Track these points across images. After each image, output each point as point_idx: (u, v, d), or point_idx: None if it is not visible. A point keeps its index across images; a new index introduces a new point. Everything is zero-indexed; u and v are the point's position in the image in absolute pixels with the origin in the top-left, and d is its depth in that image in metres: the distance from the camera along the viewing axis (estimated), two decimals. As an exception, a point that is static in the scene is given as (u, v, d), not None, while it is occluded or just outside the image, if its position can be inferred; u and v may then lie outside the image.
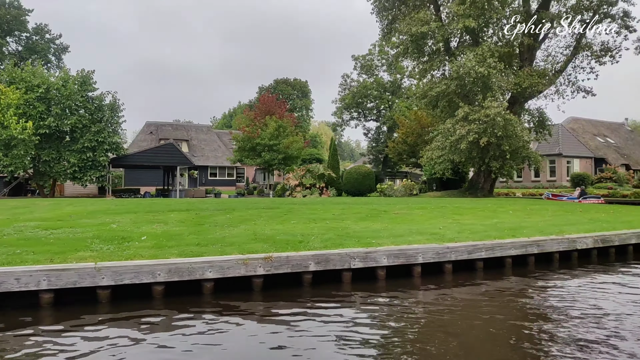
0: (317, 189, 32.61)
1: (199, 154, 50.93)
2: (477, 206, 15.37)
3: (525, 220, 11.62)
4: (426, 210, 13.45)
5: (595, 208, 16.68)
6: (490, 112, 26.81)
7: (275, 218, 11.01)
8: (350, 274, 7.16)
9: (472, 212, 13.44)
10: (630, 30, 29.42)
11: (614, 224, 11.30)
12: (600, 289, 7.23)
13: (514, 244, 8.42)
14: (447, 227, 9.93)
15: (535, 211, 14.50)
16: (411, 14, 30.22)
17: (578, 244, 9.20)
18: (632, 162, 50.69)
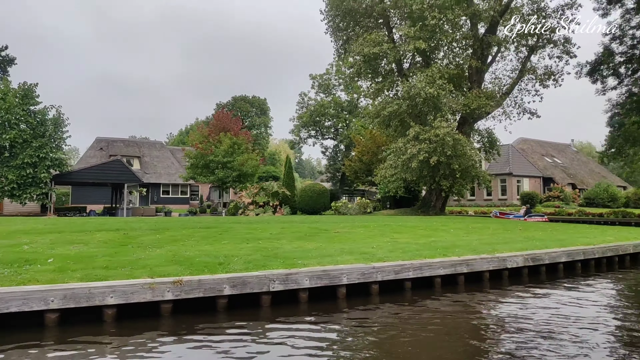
0: (270, 207, 32.14)
1: (152, 171, 49.54)
2: (420, 225, 15.36)
3: (461, 239, 11.62)
4: (367, 229, 13.30)
5: (535, 226, 17.02)
6: (440, 132, 27.33)
7: (207, 238, 10.56)
8: (269, 297, 6.80)
9: (412, 230, 13.39)
10: (570, 56, 30.80)
11: (548, 243, 11.45)
12: (528, 306, 7.17)
13: (443, 263, 8.30)
14: (381, 246, 9.76)
15: (476, 229, 14.62)
16: (364, 35, 30.66)
17: (508, 263, 9.20)
18: (578, 182, 52.82)
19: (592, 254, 10.83)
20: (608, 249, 11.27)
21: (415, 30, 28.31)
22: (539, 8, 30.86)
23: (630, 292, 8.65)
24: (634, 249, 12.02)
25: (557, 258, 10.06)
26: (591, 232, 14.66)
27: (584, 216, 35.28)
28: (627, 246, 11.83)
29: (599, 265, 11.17)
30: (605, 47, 29.23)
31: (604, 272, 10.81)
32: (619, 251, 11.56)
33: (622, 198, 45.81)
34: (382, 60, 30.90)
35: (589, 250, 10.78)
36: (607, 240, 12.34)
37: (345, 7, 31.67)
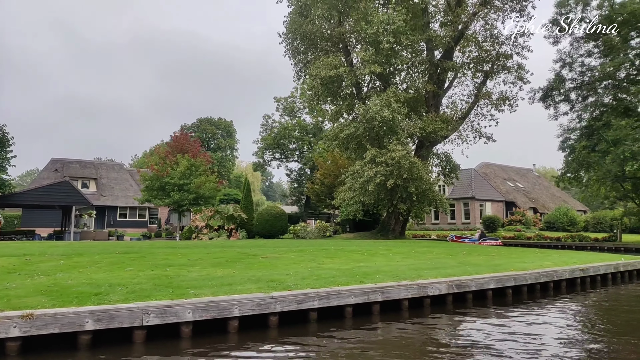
0: (225, 231, 31.16)
1: (108, 194, 47.90)
2: (360, 249, 14.79)
3: (392, 264, 11.08)
4: (302, 254, 12.63)
5: (481, 250, 16.66)
6: (396, 155, 27.15)
7: (113, 264, 9.70)
8: (143, 333, 6.03)
9: (348, 255, 12.79)
10: (524, 82, 31.31)
11: (482, 268, 11.00)
12: (451, 335, 6.59)
13: (354, 291, 7.69)
14: (299, 273, 9.10)
15: (417, 254, 14.12)
16: (321, 58, 30.57)
17: (430, 290, 8.65)
18: (539, 206, 53.55)
19: (524, 279, 10.41)
20: (542, 275, 10.88)
21: (371, 54, 28.37)
22: (492, 35, 31.44)
23: (557, 321, 8.19)
24: (570, 274, 11.69)
25: (485, 284, 9.58)
26: (533, 257, 14.35)
27: (542, 240, 35.51)
28: (563, 272, 11.48)
29: (532, 291, 10.74)
30: (557, 74, 29.89)
31: (537, 298, 10.38)
32: (554, 277, 11.19)
33: (581, 222, 46.55)
34: (339, 83, 30.78)
35: (521, 276, 10.35)
36: (544, 266, 11.98)
37: (303, 30, 31.61)
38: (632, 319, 8.50)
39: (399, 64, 29.41)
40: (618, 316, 8.71)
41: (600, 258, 14.74)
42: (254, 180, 78.46)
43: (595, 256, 15.59)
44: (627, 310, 9.25)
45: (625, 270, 13.77)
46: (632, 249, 29.13)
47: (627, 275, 13.86)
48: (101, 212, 47.52)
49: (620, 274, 13.60)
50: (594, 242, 32.22)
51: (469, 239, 29.47)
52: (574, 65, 29.58)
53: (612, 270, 13.16)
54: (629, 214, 32.17)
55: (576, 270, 11.85)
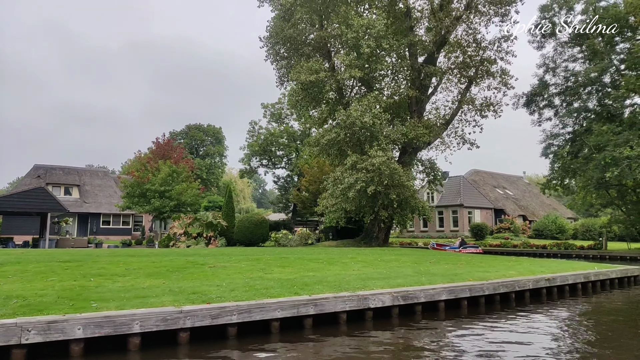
0: (203, 239, 30.47)
1: (92, 200, 47.16)
2: (322, 257, 14.16)
3: (342, 274, 10.45)
4: (254, 263, 12.00)
5: (451, 259, 16.04)
6: (376, 161, 26.64)
7: (40, 274, 9.05)
8: (22, 352, 5.39)
9: (305, 264, 12.16)
10: (508, 87, 30.90)
11: (438, 277, 10.39)
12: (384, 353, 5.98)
13: (281, 304, 7.06)
14: (233, 283, 8.47)
15: (382, 262, 13.50)
16: (301, 63, 30.12)
17: (371, 302, 8.03)
18: (529, 213, 53.04)
19: (481, 290, 9.80)
20: (501, 285, 10.28)
21: (352, 59, 27.93)
22: (475, 40, 31.06)
23: (511, 336, 7.58)
24: (534, 284, 11.09)
25: (435, 296, 8.96)
26: (501, 265, 13.74)
27: (528, 248, 34.96)
28: (526, 282, 10.89)
29: (490, 302, 10.14)
30: (540, 79, 29.49)
31: (497, 310, 9.77)
32: (516, 287, 10.59)
33: (570, 230, 46.02)
34: (320, 88, 30.32)
35: (477, 287, 9.75)
36: (508, 275, 11.38)
37: (285, 34, 31.17)
38: (600, 333, 7.88)
39: (380, 68, 28.97)
40: (580, 333, 8.10)
41: (573, 267, 14.16)
42: (244, 188, 77.86)
43: (568, 265, 15.01)
44: (592, 325, 8.64)
45: (596, 280, 13.18)
46: (617, 257, 28.60)
47: (598, 285, 13.27)
48: (84, 219, 46.77)
49: (591, 284, 13.00)
50: (580, 250, 31.66)
51: (450, 247, 28.90)
52: (558, 70, 29.20)
53: (582, 280, 12.56)
54: (616, 221, 31.63)
55: (541, 280, 11.25)
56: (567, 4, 28.65)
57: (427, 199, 51.77)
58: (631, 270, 14.79)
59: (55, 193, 46.35)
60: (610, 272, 13.78)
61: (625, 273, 14.44)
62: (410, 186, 28.90)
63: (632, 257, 27.85)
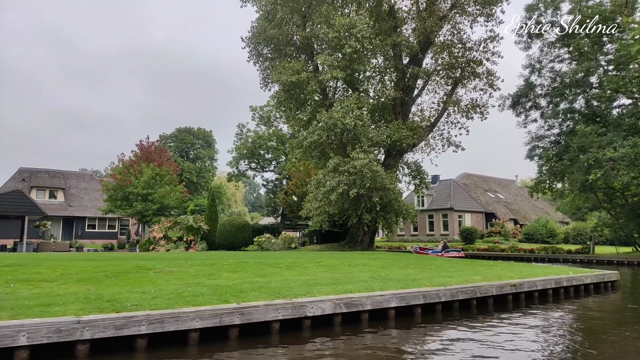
0: (183, 243, 29.83)
1: (77, 204, 46.49)
2: (286, 262, 13.58)
3: (292, 279, 9.87)
4: (206, 267, 11.41)
5: (423, 263, 15.45)
6: (358, 164, 26.11)
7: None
8: None
9: (260, 269, 11.57)
10: (494, 89, 30.42)
11: (392, 283, 9.80)
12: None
13: (200, 313, 6.45)
14: (163, 290, 7.88)
15: (347, 266, 12.92)
16: (283, 63, 29.62)
17: (309, 310, 7.45)
18: (520, 217, 52.52)
19: (437, 297, 9.22)
20: (460, 291, 9.69)
21: (333, 59, 27.43)
22: (461, 40, 30.62)
23: (467, 346, 7.00)
24: (499, 290, 10.51)
25: (384, 303, 8.38)
26: (470, 270, 13.15)
27: (515, 252, 34.42)
28: (489, 287, 10.31)
29: (448, 309, 9.55)
30: (526, 80, 29.02)
31: (454, 318, 9.19)
32: (477, 293, 10.01)
33: (561, 234, 45.49)
34: (302, 89, 29.79)
35: (433, 293, 9.17)
36: (472, 280, 10.81)
37: (268, 35, 30.67)
38: (564, 347, 7.30)
39: (364, 69, 28.44)
40: (542, 348, 7.51)
41: (545, 272, 13.57)
42: (236, 192, 77.21)
43: (541, 270, 14.41)
44: (557, 336, 8.05)
45: (569, 286, 12.60)
46: (604, 261, 28.08)
47: (572, 291, 12.68)
48: (69, 223, 46.11)
49: (563, 290, 12.42)
50: (567, 254, 31.12)
51: (432, 251, 28.38)
52: (544, 71, 28.75)
53: (552, 286, 11.99)
54: (604, 225, 31.10)
55: (506, 286, 10.68)
56: (553, 3, 28.21)
57: (417, 202, 51.24)
58: (608, 275, 14.22)
59: (39, 196, 45.76)
60: (585, 277, 13.21)
61: (601, 278, 13.88)
62: (394, 189, 28.34)
63: (619, 262, 27.32)
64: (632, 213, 27.08)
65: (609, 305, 11.80)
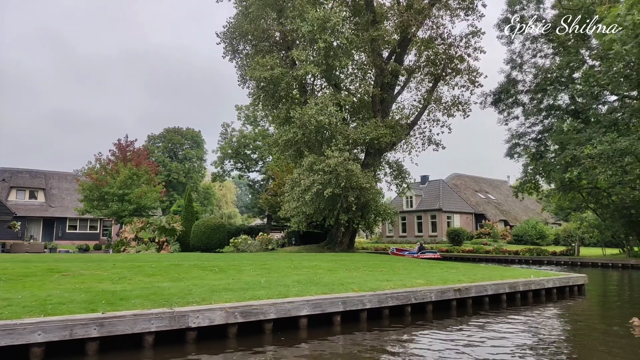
0: (154, 244, 28.92)
1: (58, 204, 45.64)
2: (219, 264, 12.64)
3: (209, 283, 8.93)
4: (127, 270, 10.49)
5: (380, 264, 14.48)
6: (332, 162, 25.22)
7: None
8: None
9: (186, 272, 10.64)
10: (476, 85, 29.53)
11: (317, 287, 8.86)
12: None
13: (45, 325, 5.52)
14: (36, 296, 6.95)
15: (290, 269, 11.98)
16: (256, 59, 28.75)
17: (192, 321, 6.51)
18: (511, 218, 51.52)
19: (361, 303, 8.28)
20: (391, 297, 8.74)
21: (307, 54, 26.55)
22: (441, 35, 29.73)
23: None
24: (439, 295, 9.55)
25: (292, 311, 7.43)
26: (418, 272, 12.20)
27: (500, 254, 33.41)
28: (427, 292, 9.35)
29: (375, 317, 8.59)
30: (507, 76, 28.10)
31: (383, 327, 8.25)
32: (412, 299, 9.06)
33: (551, 235, 44.49)
34: (277, 85, 28.90)
35: (355, 299, 8.22)
36: (413, 284, 9.87)
37: (243, 30, 29.82)
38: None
39: (338, 65, 27.48)
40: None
41: (503, 275, 12.60)
42: (227, 192, 76.30)
43: (498, 272, 13.40)
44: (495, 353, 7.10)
45: (527, 290, 11.64)
46: (588, 263, 27.10)
47: (530, 296, 11.72)
48: (49, 224, 45.30)
49: (520, 295, 11.46)
50: (552, 256, 30.11)
51: (409, 252, 27.46)
52: (526, 67, 27.78)
53: (506, 290, 11.02)
54: (590, 226, 30.09)
55: (448, 291, 9.72)
56: (536, -3, 27.28)
57: (406, 203, 50.31)
58: (574, 279, 13.25)
59: (19, 197, 44.98)
60: (546, 281, 12.24)
61: (566, 282, 12.90)
62: (371, 188, 27.40)
63: (604, 264, 26.33)
64: (617, 213, 26.09)
65: (569, 313, 10.83)
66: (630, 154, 18.09)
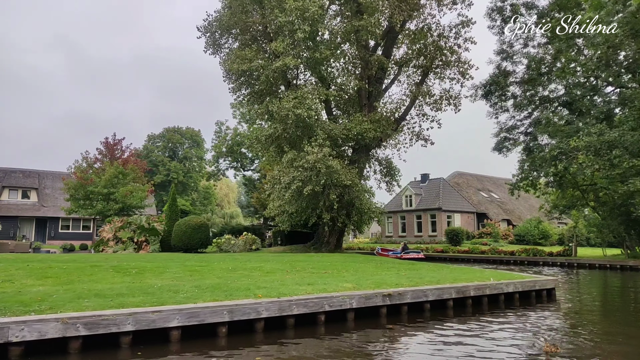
0: (132, 244, 28.10)
1: (51, 204, 45.27)
2: (172, 266, 11.61)
3: (89, 286, 7.90)
4: (33, 270, 9.54)
5: (325, 266, 13.30)
6: (310, 158, 24.11)
7: None
8: None
9: (93, 273, 9.64)
10: (466, 78, 28.14)
11: (218, 294, 7.76)
12: None
13: None
14: None
15: (221, 271, 10.91)
16: (235, 51, 27.75)
17: (13, 334, 5.46)
18: (515, 218, 49.75)
19: (255, 312, 7.12)
20: (297, 304, 7.56)
21: (285, 46, 25.45)
22: (428, 25, 28.39)
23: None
24: (363, 302, 8.35)
25: (158, 322, 6.34)
26: (364, 274, 11.01)
27: (496, 255, 31.92)
28: (346, 299, 8.15)
29: (278, 328, 7.45)
30: (497, 66, 26.68)
31: (286, 338, 7.12)
32: (325, 306, 7.88)
33: (555, 235, 42.63)
34: (256, 78, 27.89)
35: (247, 307, 7.06)
36: (342, 288, 8.70)
37: (224, 23, 28.88)
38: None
39: (319, 57, 26.30)
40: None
41: (455, 277, 11.33)
42: (229, 192, 75.62)
43: (451, 275, 12.09)
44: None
45: (480, 295, 10.36)
46: (585, 264, 25.53)
47: (485, 302, 10.44)
48: (42, 224, 44.97)
49: (471, 300, 10.20)
50: (548, 256, 28.51)
51: (393, 252, 26.23)
52: (517, 57, 26.29)
53: (452, 296, 9.78)
54: (590, 225, 28.42)
55: (374, 297, 8.52)
56: (528, -17, 25.81)
57: (405, 202, 48.91)
58: (542, 283, 11.91)
59: (12, 196, 44.74)
60: (506, 285, 10.94)
61: (531, 286, 11.58)
62: (354, 186, 26.19)
63: (602, 265, 24.73)
64: (616, 210, 24.46)
65: (522, 323, 9.50)
66: (619, 146, 16.59)
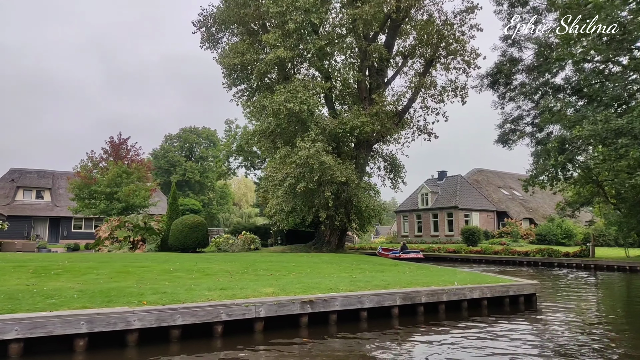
0: (127, 243, 27.64)
1: (64, 204, 45.63)
2: (151, 265, 10.76)
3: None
4: None
5: (291, 268, 12.17)
6: (303, 154, 23.03)
7: None
8: None
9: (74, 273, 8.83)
10: (472, 67, 26.48)
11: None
12: None
13: None
14: None
15: (180, 272, 9.97)
16: (229, 45, 26.95)
17: None
18: (538, 216, 47.21)
19: (123, 322, 6.06)
20: (182, 313, 6.47)
21: (277, 37, 24.45)
22: (430, 13, 26.84)
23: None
24: (274, 310, 7.14)
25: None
26: (317, 276, 9.83)
27: (509, 255, 29.94)
28: (251, 307, 6.99)
29: (159, 341, 6.38)
30: (503, 53, 24.87)
31: (168, 354, 6.05)
32: (222, 315, 6.74)
33: (579, 234, 40.03)
34: (250, 71, 27.03)
35: (113, 316, 6.01)
36: (261, 294, 7.56)
37: (222, 17, 28.17)
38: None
39: (312, 48, 25.17)
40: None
41: (418, 281, 9.98)
42: (247, 192, 75.29)
43: (412, 278, 10.72)
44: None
45: (436, 302, 9.00)
46: (603, 266, 23.44)
47: (442, 309, 9.08)
48: (55, 223, 45.44)
49: (423, 307, 8.86)
50: (564, 257, 26.40)
51: (392, 252, 24.90)
52: (526, 43, 24.39)
53: (398, 302, 8.46)
54: (610, 223, 26.22)
55: (291, 304, 7.33)
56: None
57: (421, 201, 47.12)
58: (518, 288, 10.39)
59: (26, 197, 45.40)
60: (469, 291, 9.53)
61: (503, 292, 10.10)
62: (351, 183, 24.94)
63: (620, 267, 22.65)
64: (638, 208, 22.36)
65: (472, 338, 8.10)
66: (627, 134, 14.78)
